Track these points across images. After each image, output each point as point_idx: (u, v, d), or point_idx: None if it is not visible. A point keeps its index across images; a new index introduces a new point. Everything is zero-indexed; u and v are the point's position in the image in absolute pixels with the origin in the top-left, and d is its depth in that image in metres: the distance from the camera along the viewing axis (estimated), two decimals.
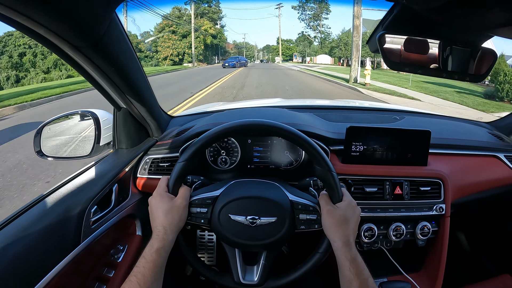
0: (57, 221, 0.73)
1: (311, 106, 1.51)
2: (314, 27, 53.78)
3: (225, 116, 1.13)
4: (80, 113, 1.00)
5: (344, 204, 0.70)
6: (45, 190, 0.81)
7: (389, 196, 0.96)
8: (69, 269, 0.72)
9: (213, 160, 1.03)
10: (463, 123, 1.37)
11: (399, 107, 1.74)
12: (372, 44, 0.82)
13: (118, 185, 0.91)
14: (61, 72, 21.11)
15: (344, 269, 0.64)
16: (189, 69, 26.90)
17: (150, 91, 0.95)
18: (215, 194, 0.74)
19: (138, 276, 0.60)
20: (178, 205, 0.69)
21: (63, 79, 18.11)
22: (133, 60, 0.82)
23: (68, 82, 13.59)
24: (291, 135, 0.71)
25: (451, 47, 0.75)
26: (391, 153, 0.98)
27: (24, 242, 0.66)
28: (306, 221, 0.72)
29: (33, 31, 0.55)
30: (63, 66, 23.50)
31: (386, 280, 0.99)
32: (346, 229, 0.67)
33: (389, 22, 0.74)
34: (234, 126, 0.72)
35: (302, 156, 1.02)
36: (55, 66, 24.31)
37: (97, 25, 0.62)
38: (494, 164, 1.13)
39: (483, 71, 0.75)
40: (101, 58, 0.70)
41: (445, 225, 0.99)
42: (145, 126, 1.05)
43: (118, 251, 0.92)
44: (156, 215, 0.68)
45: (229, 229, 0.72)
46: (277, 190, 0.76)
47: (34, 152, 0.92)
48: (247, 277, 0.74)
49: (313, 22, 53.22)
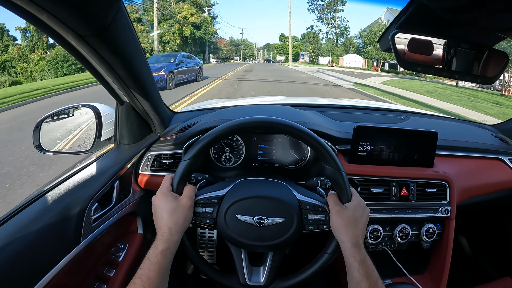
0: (57, 219, 0.71)
1: (316, 105, 1.50)
2: (328, 19, 43.83)
3: (230, 113, 1.12)
4: (80, 107, 0.97)
5: (354, 204, 0.69)
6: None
7: (396, 197, 0.95)
8: (69, 268, 0.70)
9: (217, 157, 1.01)
10: (467, 125, 1.37)
11: (404, 108, 1.73)
12: (384, 43, 0.81)
13: (120, 182, 0.89)
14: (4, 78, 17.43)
15: (353, 271, 0.63)
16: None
17: (153, 85, 0.92)
18: (221, 194, 0.72)
19: (143, 278, 0.58)
20: (183, 205, 0.67)
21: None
22: (139, 52, 0.79)
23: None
24: (301, 133, 0.70)
25: (456, 48, 0.74)
26: (397, 154, 0.97)
27: (23, 240, 0.63)
28: (315, 221, 0.71)
29: (35, 17, 0.52)
30: (13, 70, 20.67)
31: (391, 282, 0.98)
32: (355, 230, 0.66)
33: (402, 20, 0.73)
34: (243, 123, 0.70)
35: (307, 155, 1.01)
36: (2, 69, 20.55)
37: (103, 13, 0.59)
38: (498, 167, 1.13)
39: (491, 73, 0.74)
40: (106, 48, 0.67)
41: (450, 227, 0.99)
42: (147, 122, 1.02)
43: (119, 249, 0.89)
44: (160, 215, 0.66)
45: (236, 229, 0.70)
46: (284, 190, 0.74)
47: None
48: (253, 279, 0.73)
49: (326, 13, 43.46)
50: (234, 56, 60.14)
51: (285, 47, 57.70)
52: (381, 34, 0.82)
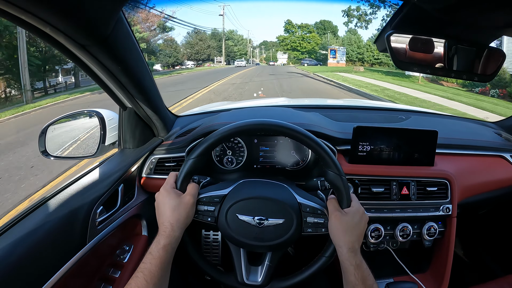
0: (63, 222, 0.73)
1: (317, 106, 1.50)
2: (358, 8, 27.05)
3: (232, 116, 1.13)
4: (85, 113, 0.99)
5: (353, 210, 0.70)
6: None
7: (396, 196, 0.95)
8: (75, 270, 0.72)
9: (219, 160, 1.03)
10: (469, 123, 1.37)
11: (405, 107, 1.73)
12: (380, 44, 0.82)
13: (124, 185, 0.91)
14: None
15: (349, 275, 0.64)
16: None
17: (156, 90, 0.94)
18: (224, 193, 0.74)
19: (145, 272, 0.60)
20: (186, 202, 0.68)
21: None
22: (140, 59, 0.81)
23: None
24: (302, 136, 0.71)
25: (457, 46, 0.75)
26: (398, 153, 0.97)
27: (30, 243, 0.65)
28: (313, 224, 0.72)
29: (39, 29, 0.55)
30: None
31: (393, 280, 0.99)
32: (352, 236, 0.67)
33: (397, 21, 0.74)
34: (244, 126, 0.71)
35: (308, 156, 1.02)
36: None
37: (104, 23, 0.61)
38: (500, 164, 1.13)
39: (490, 71, 0.75)
40: (107, 56, 0.69)
41: (451, 225, 0.99)
42: (150, 126, 1.04)
43: (124, 251, 0.91)
44: (162, 211, 0.68)
45: (236, 228, 0.71)
46: (285, 192, 0.75)
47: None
48: (251, 278, 0.74)
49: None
50: (217, 56, 41.67)
51: (294, 42, 38.04)
52: (377, 35, 0.83)
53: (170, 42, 34.89)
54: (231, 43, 44.07)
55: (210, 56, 40.50)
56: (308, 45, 36.07)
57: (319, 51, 35.41)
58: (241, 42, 47.38)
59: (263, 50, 56.63)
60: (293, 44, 39.11)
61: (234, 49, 44.59)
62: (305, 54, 36.41)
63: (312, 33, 35.61)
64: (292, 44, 39.23)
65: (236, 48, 45.05)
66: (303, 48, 37.72)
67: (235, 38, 45.98)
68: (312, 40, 35.88)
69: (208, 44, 39.69)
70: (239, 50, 45.75)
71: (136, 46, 0.77)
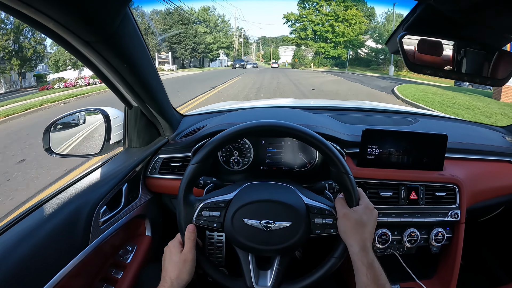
0: (66, 221, 0.72)
1: (325, 107, 1.48)
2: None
3: (238, 116, 1.11)
4: (91, 111, 0.98)
5: (361, 207, 0.68)
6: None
7: (404, 201, 0.94)
8: (78, 270, 0.71)
9: (225, 160, 1.02)
10: (477, 127, 1.35)
11: (413, 110, 1.71)
12: (392, 45, 0.80)
13: (128, 184, 0.90)
14: None
15: (361, 275, 0.63)
16: None
17: (162, 89, 0.93)
18: (228, 198, 0.72)
19: None
20: (185, 259, 0.69)
21: None
22: (146, 57, 0.80)
23: None
24: (308, 136, 0.70)
25: (466, 49, 0.73)
26: (406, 157, 0.96)
27: (32, 242, 0.64)
28: (322, 225, 0.70)
29: (42, 24, 0.53)
30: None
31: (399, 286, 0.97)
32: (363, 233, 0.66)
33: (411, 22, 0.73)
34: (250, 127, 0.70)
35: (315, 158, 1.01)
36: None
37: (109, 20, 0.60)
38: (509, 170, 1.11)
39: (502, 75, 0.73)
40: (113, 54, 0.68)
41: (459, 231, 0.97)
42: (156, 125, 1.03)
43: (127, 251, 0.90)
44: (166, 265, 0.69)
45: (243, 233, 0.70)
46: (292, 194, 0.74)
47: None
48: (260, 282, 0.72)
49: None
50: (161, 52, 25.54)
51: (320, 24, 20.53)
52: (389, 36, 0.81)
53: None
54: (202, 28, 25.47)
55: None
56: (349, 30, 18.93)
57: (358, 44, 19.37)
58: (222, 28, 27.91)
59: (262, 47, 44.08)
60: (318, 29, 20.82)
61: (208, 38, 25.11)
62: (340, 47, 20.53)
63: (352, 9, 18.33)
64: (316, 29, 20.94)
65: (210, 37, 25.46)
66: (337, 37, 21.30)
67: (209, 20, 26.65)
68: (353, 22, 18.74)
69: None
70: (218, 41, 25.73)
71: (142, 44, 0.76)
